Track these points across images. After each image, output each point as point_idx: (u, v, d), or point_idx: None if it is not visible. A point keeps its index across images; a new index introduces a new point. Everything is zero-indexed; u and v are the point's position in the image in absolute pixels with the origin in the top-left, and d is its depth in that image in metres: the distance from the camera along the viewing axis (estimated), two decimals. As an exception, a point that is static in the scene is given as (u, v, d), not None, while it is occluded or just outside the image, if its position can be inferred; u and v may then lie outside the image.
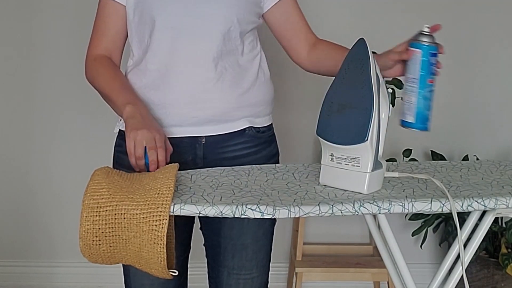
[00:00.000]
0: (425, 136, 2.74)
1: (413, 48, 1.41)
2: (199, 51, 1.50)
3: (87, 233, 1.19)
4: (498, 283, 2.48)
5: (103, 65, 1.56)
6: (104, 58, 1.57)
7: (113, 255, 1.22)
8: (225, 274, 1.63)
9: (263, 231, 1.63)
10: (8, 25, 2.69)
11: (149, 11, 1.51)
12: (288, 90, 2.73)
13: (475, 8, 2.70)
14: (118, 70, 1.57)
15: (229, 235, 1.61)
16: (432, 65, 1.39)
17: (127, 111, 1.43)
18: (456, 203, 1.23)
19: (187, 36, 1.50)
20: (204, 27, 1.50)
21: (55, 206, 2.79)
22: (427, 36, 1.41)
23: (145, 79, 1.54)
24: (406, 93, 1.42)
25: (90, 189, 1.21)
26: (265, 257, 1.66)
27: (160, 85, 1.52)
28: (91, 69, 1.57)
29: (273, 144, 1.68)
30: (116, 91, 1.49)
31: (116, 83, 1.52)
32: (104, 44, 1.58)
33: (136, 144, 1.36)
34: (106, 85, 1.52)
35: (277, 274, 2.81)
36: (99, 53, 1.58)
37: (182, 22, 1.50)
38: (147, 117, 1.43)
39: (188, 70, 1.51)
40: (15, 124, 2.76)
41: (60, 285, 2.82)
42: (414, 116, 1.41)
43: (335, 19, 2.71)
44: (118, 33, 1.58)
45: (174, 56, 1.51)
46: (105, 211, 1.19)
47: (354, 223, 2.79)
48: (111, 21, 1.57)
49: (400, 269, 1.48)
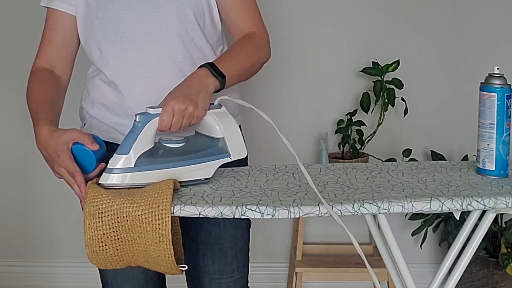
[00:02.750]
0: (425, 136, 2.75)
1: (486, 92, 1.38)
2: (157, 58, 1.46)
3: (92, 239, 1.19)
4: (498, 283, 2.48)
5: (36, 82, 1.50)
6: (43, 71, 1.52)
7: (120, 258, 1.22)
8: (206, 280, 1.61)
9: (240, 233, 1.61)
10: (8, 25, 2.69)
11: (102, 21, 1.47)
12: (288, 90, 2.73)
13: (475, 8, 2.70)
14: (45, 89, 1.48)
15: (207, 240, 1.58)
16: (509, 108, 1.36)
17: (36, 137, 1.36)
18: (456, 202, 1.23)
19: (142, 45, 1.46)
20: (157, 34, 1.46)
21: (55, 206, 2.79)
22: (499, 78, 1.38)
23: (105, 89, 1.51)
24: (483, 140, 1.39)
25: (89, 196, 1.21)
26: (244, 259, 1.65)
27: (121, 96, 1.48)
28: (28, 83, 1.51)
29: None
30: (33, 115, 1.42)
31: (35, 105, 1.44)
32: (48, 54, 1.54)
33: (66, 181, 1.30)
34: (31, 105, 1.45)
35: (277, 274, 2.81)
36: (40, 65, 1.53)
37: (135, 30, 1.46)
38: (47, 144, 1.33)
39: (149, 79, 1.46)
40: (15, 124, 2.75)
41: (60, 285, 2.83)
42: (494, 163, 1.38)
43: (332, 17, 2.71)
44: (64, 42, 1.53)
45: (131, 66, 1.47)
46: (107, 216, 1.18)
47: (354, 223, 2.77)
48: (57, 30, 1.53)
49: (400, 269, 1.48)
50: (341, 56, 2.70)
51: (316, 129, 2.73)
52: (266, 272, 2.79)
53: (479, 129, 1.41)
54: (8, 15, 2.69)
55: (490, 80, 1.39)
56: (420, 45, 2.71)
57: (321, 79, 2.72)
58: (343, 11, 2.70)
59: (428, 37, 2.71)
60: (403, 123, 2.67)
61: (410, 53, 2.67)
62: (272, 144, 2.49)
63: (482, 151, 1.40)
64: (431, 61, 2.71)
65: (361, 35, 2.69)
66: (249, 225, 1.65)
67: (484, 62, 2.68)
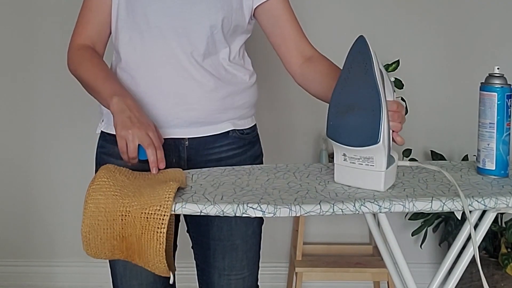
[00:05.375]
0: (425, 136, 2.75)
1: (486, 91, 1.38)
2: (181, 53, 1.49)
3: (89, 227, 1.20)
4: (498, 283, 2.48)
5: (87, 54, 1.52)
6: (88, 48, 1.54)
7: (114, 252, 1.23)
8: (216, 275, 1.62)
9: (252, 230, 1.62)
10: (8, 25, 2.69)
11: (135, 9, 1.49)
12: (288, 90, 2.73)
13: (475, 8, 2.71)
14: (102, 60, 1.54)
15: (218, 236, 1.59)
16: (509, 108, 1.36)
17: (114, 103, 1.38)
18: (457, 203, 1.23)
19: (169, 37, 1.48)
20: (189, 29, 1.48)
21: (55, 206, 2.79)
22: (499, 77, 1.38)
23: (126, 79, 1.52)
24: (483, 139, 1.39)
25: (92, 188, 1.22)
26: (255, 256, 1.65)
27: (143, 85, 1.50)
28: (74, 58, 1.53)
29: (257, 145, 1.66)
30: (101, 81, 1.45)
31: (101, 73, 1.47)
32: (89, 33, 1.55)
33: (129, 143, 1.34)
34: (91, 75, 1.47)
35: (277, 274, 2.81)
36: (83, 42, 1.55)
37: (165, 22, 1.48)
38: (136, 110, 1.38)
39: (171, 71, 1.49)
40: (15, 124, 2.76)
41: (60, 285, 2.83)
42: (494, 163, 1.38)
43: (332, 17, 2.72)
44: (103, 24, 1.55)
45: (155, 57, 1.49)
46: (104, 208, 1.19)
47: (354, 223, 2.79)
48: (97, 12, 1.54)
49: (401, 268, 1.48)
50: (341, 56, 2.69)
51: (316, 129, 2.73)
52: (266, 272, 2.78)
53: (479, 129, 1.41)
54: (9, 15, 2.69)
55: (490, 80, 1.39)
56: (420, 45, 2.72)
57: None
58: (343, 11, 2.70)
59: (428, 37, 2.72)
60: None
61: (410, 53, 2.67)
62: (273, 144, 2.49)
63: (483, 151, 1.40)
64: (431, 61, 2.71)
65: (358, 33, 2.69)
66: (261, 223, 1.65)
67: (484, 62, 2.68)
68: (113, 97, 1.39)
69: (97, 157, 1.62)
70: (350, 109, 1.28)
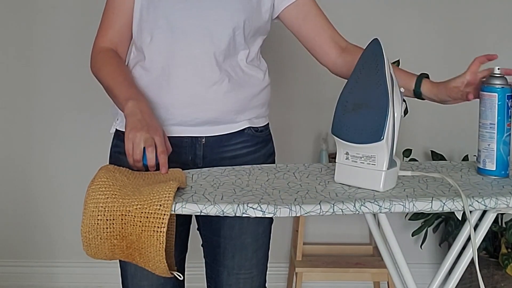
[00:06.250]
0: (425, 136, 2.75)
1: (486, 92, 1.38)
2: (203, 54, 1.50)
3: (89, 227, 1.20)
4: (498, 283, 2.48)
5: (108, 58, 1.55)
6: (110, 51, 1.57)
7: (114, 252, 1.23)
8: (224, 274, 1.63)
9: (262, 229, 1.63)
10: (8, 25, 2.69)
11: (158, 11, 1.51)
12: (288, 90, 2.74)
13: (476, 8, 2.71)
14: (122, 64, 1.57)
15: (229, 235, 1.60)
16: (509, 108, 1.36)
17: (128, 107, 1.41)
18: (457, 203, 1.23)
19: (192, 38, 1.50)
20: (209, 30, 1.50)
21: (55, 206, 2.79)
22: (500, 78, 1.38)
23: (147, 78, 1.54)
24: (483, 140, 1.39)
25: (92, 188, 1.22)
26: (264, 256, 1.66)
27: (162, 85, 1.52)
28: (96, 61, 1.56)
29: (270, 144, 1.68)
30: (119, 85, 1.48)
31: (119, 77, 1.51)
32: (110, 36, 1.57)
33: (135, 146, 1.35)
34: (110, 78, 1.51)
35: (277, 274, 2.81)
36: (105, 45, 1.57)
37: (188, 24, 1.50)
38: (147, 115, 1.41)
39: (191, 71, 1.50)
40: (15, 124, 2.76)
41: (60, 285, 2.83)
42: (494, 163, 1.38)
43: (332, 17, 2.72)
44: (125, 25, 1.57)
45: (177, 57, 1.51)
46: (104, 208, 1.19)
47: (354, 223, 2.79)
48: (120, 15, 1.56)
49: (401, 269, 1.48)
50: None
51: (316, 129, 2.73)
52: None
53: (479, 129, 1.41)
54: (9, 15, 2.69)
55: (491, 80, 1.39)
56: (420, 45, 2.72)
57: (321, 79, 2.72)
58: (342, 11, 2.70)
59: (428, 37, 2.72)
60: (403, 123, 2.65)
61: (410, 53, 2.67)
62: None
63: (483, 151, 1.40)
64: (431, 61, 2.71)
65: (360, 35, 2.69)
66: (271, 222, 1.66)
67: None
68: (128, 101, 1.43)
69: (112, 156, 1.63)
70: (358, 108, 1.29)
